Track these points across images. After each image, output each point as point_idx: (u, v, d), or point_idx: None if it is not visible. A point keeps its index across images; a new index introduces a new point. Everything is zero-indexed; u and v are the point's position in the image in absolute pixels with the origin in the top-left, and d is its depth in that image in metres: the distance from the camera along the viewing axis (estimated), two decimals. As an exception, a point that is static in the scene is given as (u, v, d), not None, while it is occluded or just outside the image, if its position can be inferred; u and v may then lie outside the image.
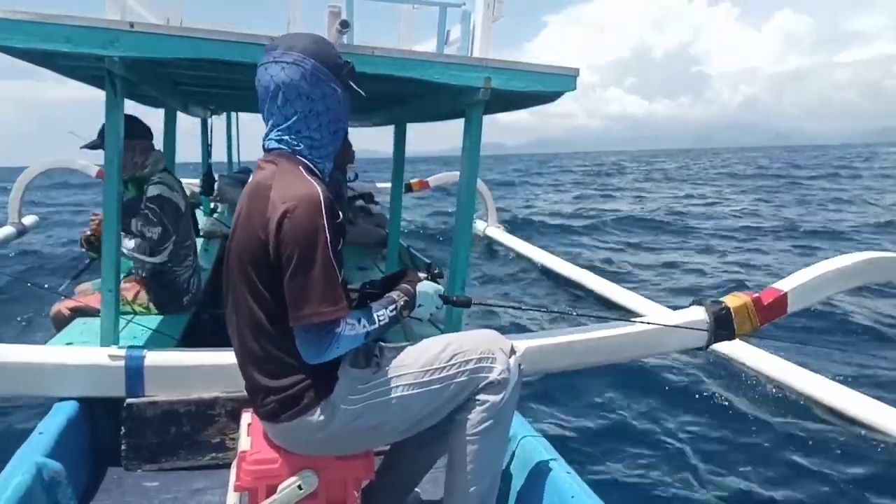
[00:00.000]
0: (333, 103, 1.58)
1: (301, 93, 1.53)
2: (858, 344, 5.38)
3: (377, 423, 1.59)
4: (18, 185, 7.88)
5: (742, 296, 3.05)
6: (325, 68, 1.55)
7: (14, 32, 1.96)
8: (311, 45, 1.56)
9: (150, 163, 3.01)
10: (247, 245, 1.51)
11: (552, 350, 2.73)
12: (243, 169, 8.14)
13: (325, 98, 1.56)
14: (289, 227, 1.43)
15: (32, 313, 5.30)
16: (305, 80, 1.53)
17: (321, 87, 1.55)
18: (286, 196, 1.45)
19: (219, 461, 2.23)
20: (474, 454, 1.62)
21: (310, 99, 1.55)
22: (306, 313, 1.44)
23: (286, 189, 1.47)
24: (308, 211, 1.44)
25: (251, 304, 1.52)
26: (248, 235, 1.50)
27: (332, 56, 1.58)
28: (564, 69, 2.35)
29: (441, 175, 9.47)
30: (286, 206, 1.44)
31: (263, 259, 1.47)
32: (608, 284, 6.41)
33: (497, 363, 1.64)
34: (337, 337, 1.49)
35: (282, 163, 1.55)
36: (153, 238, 2.88)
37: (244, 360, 1.60)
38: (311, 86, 1.54)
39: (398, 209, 4.01)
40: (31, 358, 2.26)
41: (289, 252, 1.44)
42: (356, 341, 1.54)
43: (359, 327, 1.53)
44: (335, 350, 1.50)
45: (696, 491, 3.11)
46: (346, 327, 1.50)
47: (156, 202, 2.91)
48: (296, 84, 1.53)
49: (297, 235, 1.43)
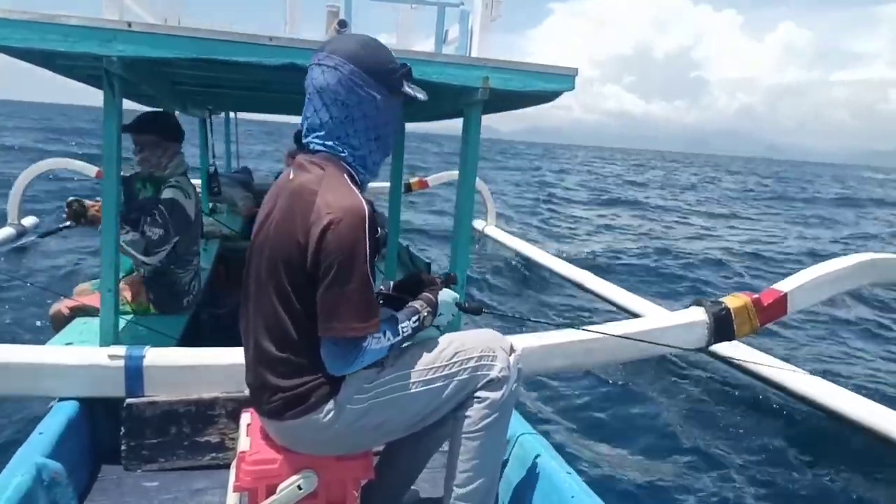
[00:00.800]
0: (371, 110, 1.55)
1: (337, 98, 1.52)
2: (859, 344, 5.38)
3: (381, 421, 1.59)
4: (18, 186, 7.86)
5: (742, 296, 3.06)
6: (364, 73, 1.52)
7: (12, 32, 1.95)
8: (354, 49, 1.54)
9: (171, 166, 3.02)
10: (283, 246, 1.49)
11: (552, 350, 2.73)
12: (242, 169, 8.13)
13: (361, 104, 1.54)
14: (332, 238, 1.43)
15: (32, 313, 5.30)
16: (342, 85, 1.51)
17: (357, 92, 1.52)
18: (332, 206, 1.44)
19: (218, 461, 2.23)
20: (474, 451, 1.63)
21: (346, 105, 1.53)
22: (337, 326, 1.45)
23: (333, 198, 1.46)
24: (352, 224, 1.43)
25: (276, 305, 1.51)
26: (286, 236, 1.49)
27: (376, 61, 1.55)
28: (563, 69, 2.34)
29: (441, 174, 9.47)
30: (332, 217, 1.43)
31: (299, 263, 1.47)
32: (609, 285, 6.41)
33: (497, 361, 1.65)
34: (363, 351, 1.50)
35: (329, 168, 1.53)
36: (152, 238, 2.87)
37: (256, 358, 1.59)
38: (347, 91, 1.52)
39: (397, 209, 4.00)
40: (31, 358, 2.25)
41: (328, 263, 1.43)
42: (381, 354, 1.55)
43: (384, 340, 1.54)
44: (360, 363, 1.51)
45: (697, 491, 3.11)
46: (372, 342, 1.51)
47: (167, 205, 2.91)
48: (332, 89, 1.52)
49: (339, 248, 1.42)
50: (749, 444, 3.55)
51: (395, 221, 4.05)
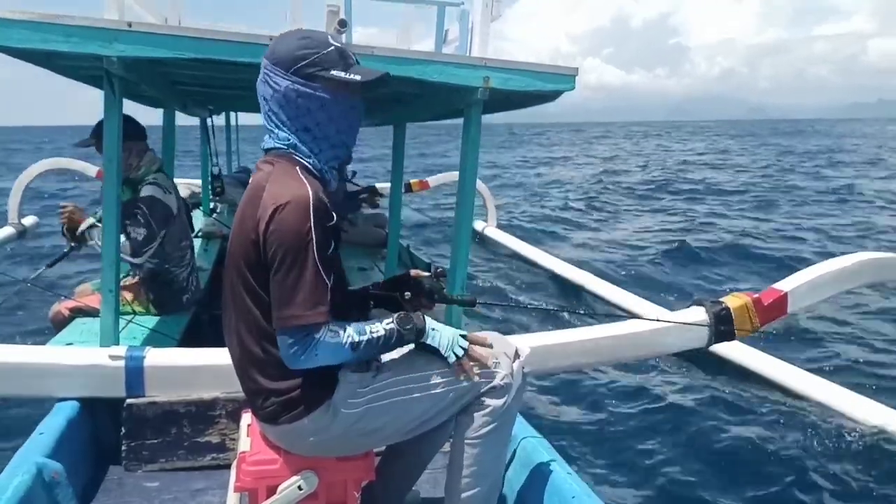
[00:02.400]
0: (280, 99, 1.49)
1: (263, 93, 1.53)
2: (859, 345, 5.38)
3: (379, 426, 1.58)
4: (18, 186, 7.86)
5: (742, 296, 3.06)
6: (279, 68, 1.48)
7: (13, 32, 1.95)
8: (272, 45, 1.53)
9: (144, 164, 3.00)
10: (241, 246, 1.50)
11: (553, 350, 2.73)
12: (243, 169, 8.14)
13: (275, 95, 1.50)
14: (275, 227, 1.41)
15: (32, 313, 5.29)
16: (267, 84, 1.51)
17: (268, 84, 1.50)
18: (276, 196, 1.44)
19: (219, 462, 2.23)
20: (476, 457, 1.61)
21: (264, 99, 1.53)
22: (285, 315, 1.41)
23: (277, 189, 1.45)
24: (296, 211, 1.41)
25: (249, 305, 1.50)
26: (243, 236, 1.49)
27: (285, 50, 1.49)
28: (564, 69, 2.35)
29: (442, 175, 9.46)
30: (275, 206, 1.42)
31: (256, 260, 1.46)
32: (609, 286, 6.40)
33: (501, 367, 1.62)
34: (315, 342, 1.43)
35: (279, 164, 1.53)
36: (137, 239, 2.85)
37: (244, 362, 1.58)
38: (262, 84, 1.52)
39: (398, 209, 4.01)
40: (32, 358, 2.26)
41: (273, 252, 1.42)
42: (339, 351, 1.47)
43: (342, 335, 1.47)
44: (313, 357, 1.44)
45: (697, 491, 3.11)
46: (327, 334, 1.45)
47: (146, 203, 2.90)
48: (261, 86, 1.53)
49: (282, 236, 1.41)
50: (749, 444, 3.54)
51: (395, 222, 4.05)
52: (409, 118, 3.90)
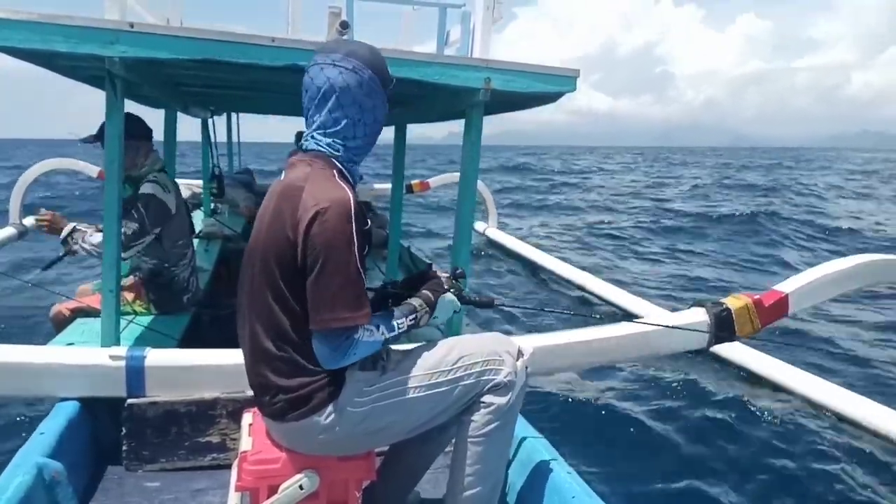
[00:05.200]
0: (380, 114, 1.62)
1: (355, 100, 1.56)
2: (861, 344, 5.38)
3: (384, 424, 1.59)
4: (19, 186, 7.86)
5: (743, 297, 3.05)
6: (378, 79, 1.58)
7: (14, 33, 1.95)
8: (369, 56, 1.58)
9: (148, 163, 3.02)
10: (274, 244, 1.50)
11: (553, 350, 2.73)
12: (244, 170, 8.14)
13: (375, 109, 1.60)
14: (318, 230, 1.44)
15: (33, 313, 5.29)
16: (362, 88, 1.55)
17: (373, 97, 1.58)
18: (318, 198, 1.46)
19: (220, 461, 2.23)
20: (478, 456, 1.62)
21: (361, 108, 1.57)
22: (326, 317, 1.45)
23: (318, 191, 1.47)
24: (338, 215, 1.44)
25: (272, 303, 1.51)
26: (277, 234, 1.50)
27: (384, 69, 1.61)
28: (565, 70, 2.35)
29: (442, 176, 9.45)
30: (317, 209, 1.44)
31: (290, 260, 1.47)
32: (610, 287, 6.41)
33: (504, 366, 1.64)
34: (355, 343, 1.49)
35: (316, 165, 1.55)
36: (126, 233, 2.83)
37: (256, 358, 1.58)
38: (366, 95, 1.57)
39: (399, 210, 4.01)
40: (32, 358, 2.26)
41: (316, 253, 1.44)
42: (373, 347, 1.55)
43: (377, 334, 1.53)
44: (352, 356, 1.51)
45: (697, 491, 3.11)
46: (364, 333, 1.51)
47: (143, 200, 2.90)
48: (352, 91, 1.55)
49: (326, 239, 1.43)
50: (750, 445, 3.54)
51: (396, 222, 4.05)
52: (411, 119, 3.90)
